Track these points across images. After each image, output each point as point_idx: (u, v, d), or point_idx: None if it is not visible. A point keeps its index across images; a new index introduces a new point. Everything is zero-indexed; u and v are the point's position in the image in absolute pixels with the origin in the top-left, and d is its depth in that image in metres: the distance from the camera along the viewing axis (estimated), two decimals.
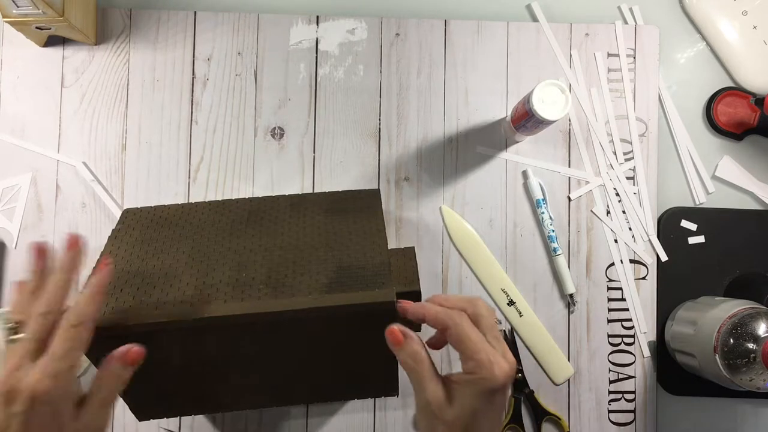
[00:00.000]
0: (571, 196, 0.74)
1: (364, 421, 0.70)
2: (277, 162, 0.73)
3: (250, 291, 0.51)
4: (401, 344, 0.47)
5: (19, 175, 0.71)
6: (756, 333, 0.60)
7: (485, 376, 0.44)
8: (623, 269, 0.73)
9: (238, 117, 0.73)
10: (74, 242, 0.47)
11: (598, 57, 0.75)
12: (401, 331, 0.47)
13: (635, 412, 0.72)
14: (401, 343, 0.47)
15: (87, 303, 0.45)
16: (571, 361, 0.72)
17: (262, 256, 0.55)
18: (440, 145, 0.74)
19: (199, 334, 0.50)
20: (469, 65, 0.74)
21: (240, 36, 0.73)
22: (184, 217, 0.61)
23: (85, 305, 0.44)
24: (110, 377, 0.45)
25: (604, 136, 0.74)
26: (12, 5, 0.63)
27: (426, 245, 0.72)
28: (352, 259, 0.53)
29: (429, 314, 0.47)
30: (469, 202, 0.73)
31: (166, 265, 0.54)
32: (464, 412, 0.45)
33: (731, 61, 0.77)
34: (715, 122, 0.76)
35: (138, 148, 0.72)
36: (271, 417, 0.70)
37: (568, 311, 0.73)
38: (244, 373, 0.55)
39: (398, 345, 0.47)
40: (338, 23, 0.74)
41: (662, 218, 0.75)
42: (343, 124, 0.73)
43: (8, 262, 0.70)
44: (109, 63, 0.72)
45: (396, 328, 0.47)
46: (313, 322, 0.50)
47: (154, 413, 0.57)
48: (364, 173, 0.73)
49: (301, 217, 0.60)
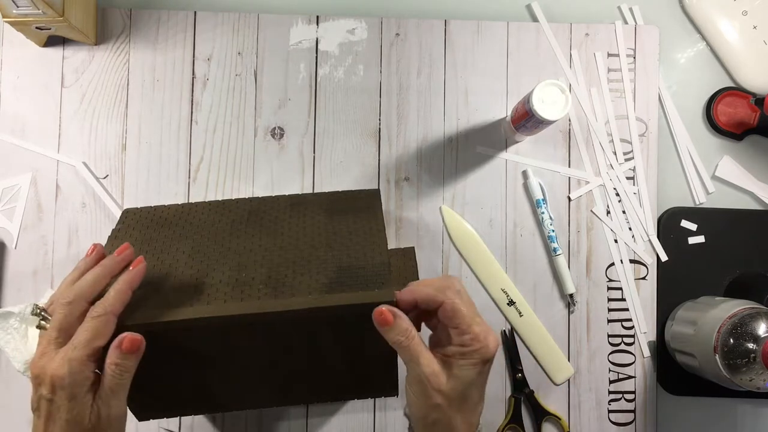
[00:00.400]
0: (571, 196, 0.74)
1: (364, 421, 0.70)
2: (277, 162, 0.73)
3: (249, 291, 0.51)
4: (391, 324, 0.47)
5: (19, 175, 0.71)
6: (756, 333, 0.60)
7: (480, 348, 0.47)
8: (623, 269, 0.73)
9: (238, 117, 0.73)
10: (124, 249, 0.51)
11: (598, 57, 0.75)
12: (390, 311, 0.47)
13: (635, 412, 0.72)
14: (391, 322, 0.47)
15: (114, 297, 0.47)
16: (571, 361, 0.72)
17: (261, 256, 0.54)
18: (440, 145, 0.74)
19: (199, 334, 0.50)
20: (469, 65, 0.74)
21: (240, 36, 0.73)
22: (183, 217, 0.61)
23: (112, 298, 0.47)
24: (112, 367, 0.46)
25: (604, 136, 0.74)
26: (12, 5, 0.63)
27: (426, 245, 0.72)
28: (352, 259, 0.53)
29: (420, 295, 0.48)
30: (469, 202, 0.73)
31: (166, 265, 0.54)
32: (461, 382, 0.47)
33: (731, 61, 0.77)
34: (715, 122, 0.76)
35: (138, 148, 0.72)
36: (271, 417, 0.70)
37: (568, 311, 0.73)
38: (243, 373, 0.55)
39: (388, 325, 0.47)
40: (338, 23, 0.74)
41: (662, 218, 0.75)
42: (343, 124, 0.73)
43: (8, 262, 0.70)
44: (109, 63, 0.72)
45: (384, 308, 0.47)
46: (313, 322, 0.50)
47: (154, 413, 0.57)
48: (364, 173, 0.73)
49: (301, 217, 0.60)
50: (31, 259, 0.70)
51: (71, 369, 0.44)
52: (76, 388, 0.44)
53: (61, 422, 0.44)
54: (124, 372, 0.46)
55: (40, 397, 0.45)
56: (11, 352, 0.50)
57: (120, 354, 0.46)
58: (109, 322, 0.46)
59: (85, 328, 0.45)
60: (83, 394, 0.45)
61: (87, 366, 0.45)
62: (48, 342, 0.46)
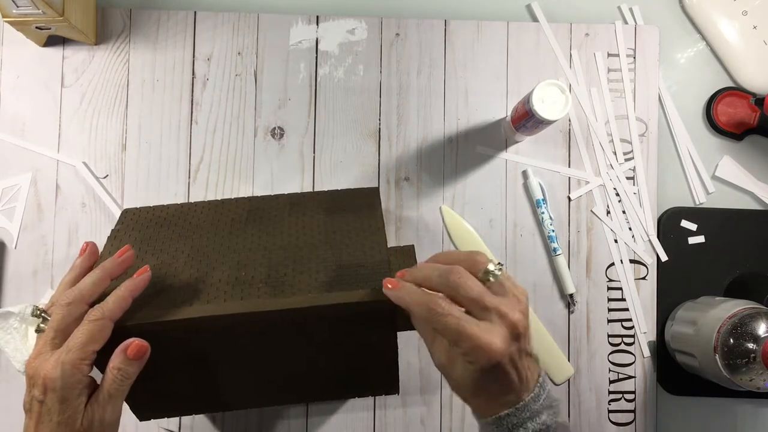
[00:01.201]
0: (571, 196, 0.74)
1: (364, 419, 0.70)
2: (277, 162, 0.73)
3: (249, 290, 0.51)
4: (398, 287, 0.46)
5: (19, 175, 0.71)
6: (756, 333, 0.60)
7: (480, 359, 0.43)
8: (623, 269, 0.73)
9: (238, 117, 0.73)
10: (125, 251, 0.51)
11: (598, 57, 0.75)
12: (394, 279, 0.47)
13: (635, 412, 0.72)
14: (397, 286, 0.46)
15: (114, 302, 0.47)
16: (571, 361, 0.72)
17: (261, 254, 0.54)
18: (440, 145, 0.74)
19: (199, 334, 0.50)
20: (469, 65, 0.74)
21: (240, 36, 0.73)
22: (183, 216, 0.61)
23: (111, 303, 0.46)
24: (114, 371, 0.46)
25: (604, 136, 0.74)
26: (12, 5, 0.63)
27: (426, 245, 0.72)
28: (352, 257, 0.53)
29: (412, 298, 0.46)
30: (469, 202, 0.73)
31: (166, 265, 0.54)
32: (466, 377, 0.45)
33: (731, 61, 0.77)
34: (715, 122, 0.76)
35: (138, 148, 0.72)
36: (271, 416, 0.70)
37: (568, 311, 0.73)
38: (244, 372, 0.55)
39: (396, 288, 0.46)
40: (338, 23, 0.74)
41: (662, 218, 0.75)
42: (343, 124, 0.73)
43: (8, 262, 0.70)
44: (109, 63, 0.72)
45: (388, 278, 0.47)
46: (313, 321, 0.50)
47: (154, 413, 0.57)
48: (364, 173, 0.73)
49: (301, 215, 0.60)
50: (31, 259, 0.70)
51: (64, 372, 0.44)
52: (68, 391, 0.44)
53: (51, 424, 0.44)
54: (125, 378, 0.46)
55: (33, 397, 0.45)
56: (11, 352, 0.50)
57: (124, 359, 0.46)
58: (105, 327, 0.46)
59: (81, 331, 0.45)
60: (75, 397, 0.45)
61: (80, 369, 0.45)
62: (44, 343, 0.45)
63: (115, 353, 0.46)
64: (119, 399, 0.46)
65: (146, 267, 0.50)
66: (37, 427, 0.45)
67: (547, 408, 0.45)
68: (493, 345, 0.42)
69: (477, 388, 0.45)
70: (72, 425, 0.44)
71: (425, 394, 0.71)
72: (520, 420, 0.44)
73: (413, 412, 0.71)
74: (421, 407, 0.71)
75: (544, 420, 0.45)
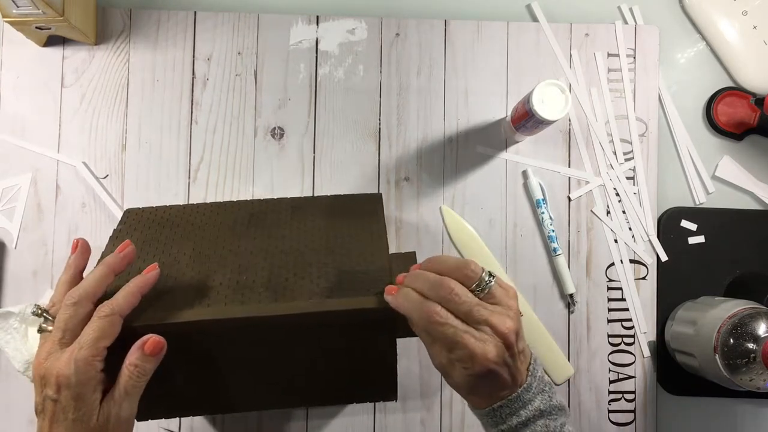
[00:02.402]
0: (571, 196, 0.74)
1: (364, 423, 0.70)
2: (277, 162, 0.73)
3: (250, 294, 0.50)
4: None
5: (19, 175, 0.71)
6: (756, 333, 0.60)
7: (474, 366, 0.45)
8: (623, 269, 0.73)
9: (238, 117, 0.73)
10: (125, 246, 0.51)
11: (598, 57, 0.75)
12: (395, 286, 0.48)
13: (635, 412, 0.72)
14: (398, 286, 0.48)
15: (123, 298, 0.47)
16: (571, 361, 0.72)
17: (263, 258, 0.54)
18: (440, 145, 0.74)
19: (199, 336, 0.50)
20: (469, 65, 0.74)
21: (240, 36, 0.73)
22: (185, 218, 0.61)
23: (121, 299, 0.47)
24: (131, 368, 0.46)
25: (604, 136, 0.74)
26: (12, 5, 0.63)
27: (426, 245, 0.72)
28: (353, 263, 0.53)
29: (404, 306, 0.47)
30: (469, 202, 0.73)
31: (168, 266, 0.54)
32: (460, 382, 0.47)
33: (731, 61, 0.77)
34: (715, 122, 0.76)
35: (138, 147, 0.72)
36: (271, 419, 0.70)
37: (568, 311, 0.73)
38: (243, 375, 0.54)
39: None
40: (338, 23, 0.74)
41: (662, 218, 0.75)
42: (343, 124, 0.73)
43: (8, 262, 0.70)
44: (109, 63, 0.72)
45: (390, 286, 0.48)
46: (314, 326, 0.50)
47: (154, 413, 0.57)
48: (364, 173, 0.73)
49: (303, 220, 0.59)
50: (31, 259, 0.70)
51: (77, 368, 0.44)
52: (82, 388, 0.44)
53: (66, 422, 0.44)
54: (142, 375, 0.46)
55: (45, 397, 0.45)
56: (11, 352, 0.50)
57: (141, 355, 0.46)
58: (115, 322, 0.46)
59: (92, 327, 0.45)
60: (90, 394, 0.45)
61: (93, 365, 0.44)
62: (53, 342, 0.45)
63: (131, 350, 0.46)
64: (135, 396, 0.46)
65: (155, 264, 0.50)
66: (51, 427, 0.44)
67: (540, 393, 0.47)
68: (488, 354, 0.44)
69: (472, 389, 0.47)
70: (87, 422, 0.44)
71: (425, 398, 0.71)
72: (513, 410, 0.46)
73: (413, 416, 0.71)
74: (421, 411, 0.71)
75: (537, 406, 0.47)
